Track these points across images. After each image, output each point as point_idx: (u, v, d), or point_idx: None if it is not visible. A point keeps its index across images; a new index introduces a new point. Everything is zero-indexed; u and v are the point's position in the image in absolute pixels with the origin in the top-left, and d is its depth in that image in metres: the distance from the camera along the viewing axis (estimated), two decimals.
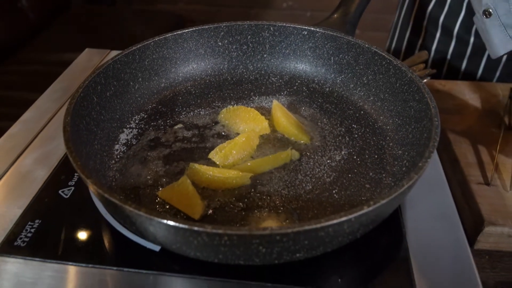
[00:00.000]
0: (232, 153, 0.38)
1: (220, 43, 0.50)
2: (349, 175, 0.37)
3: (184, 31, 0.48)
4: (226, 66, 0.51)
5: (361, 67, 0.46)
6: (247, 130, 0.41)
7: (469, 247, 0.32)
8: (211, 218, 0.33)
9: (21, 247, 0.32)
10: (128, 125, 0.43)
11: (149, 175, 0.37)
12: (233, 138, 0.40)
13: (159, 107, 0.46)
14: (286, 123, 0.41)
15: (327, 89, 0.49)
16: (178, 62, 0.49)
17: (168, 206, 0.34)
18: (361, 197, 0.34)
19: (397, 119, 0.41)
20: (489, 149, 0.54)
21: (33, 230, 0.34)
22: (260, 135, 0.41)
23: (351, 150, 0.40)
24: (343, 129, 0.43)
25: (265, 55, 0.51)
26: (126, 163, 0.39)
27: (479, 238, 0.46)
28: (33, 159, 0.41)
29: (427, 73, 0.56)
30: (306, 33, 0.49)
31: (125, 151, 0.40)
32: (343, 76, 0.48)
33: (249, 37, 0.50)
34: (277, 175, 0.37)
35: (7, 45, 1.64)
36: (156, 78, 0.47)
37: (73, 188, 0.37)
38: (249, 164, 0.37)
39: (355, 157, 0.39)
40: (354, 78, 0.47)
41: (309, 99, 0.47)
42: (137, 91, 0.46)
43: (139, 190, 0.36)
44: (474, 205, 0.47)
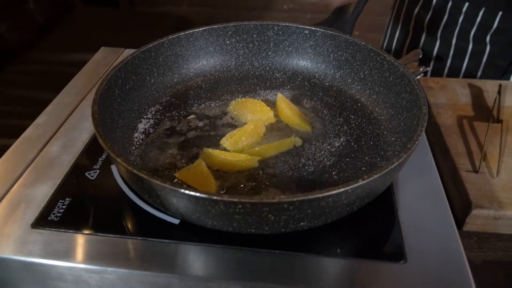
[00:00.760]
0: (242, 139, 0.42)
1: (228, 42, 0.54)
2: (347, 159, 0.41)
3: (195, 30, 0.52)
4: (233, 62, 0.55)
5: (358, 63, 0.50)
6: (254, 120, 0.45)
7: (454, 220, 0.36)
8: None
9: (54, 221, 0.36)
10: (145, 116, 0.47)
11: (166, 159, 0.41)
12: (242, 127, 0.44)
13: (173, 99, 0.50)
14: (289, 114, 0.45)
15: (326, 83, 0.53)
16: (189, 59, 0.53)
17: (185, 186, 0.38)
18: (357, 179, 0.38)
19: (390, 110, 0.45)
20: (478, 140, 0.58)
21: (64, 207, 0.38)
22: (266, 124, 0.45)
23: (349, 138, 0.44)
24: (341, 119, 0.47)
25: (269, 53, 0.55)
26: (145, 149, 0.43)
27: (467, 220, 0.50)
28: (59, 146, 0.45)
29: (421, 70, 0.60)
30: (307, 32, 0.53)
31: (143, 138, 0.44)
32: (341, 72, 0.52)
33: (254, 36, 0.54)
34: (282, 159, 0.41)
35: (16, 45, 1.68)
36: (169, 73, 0.52)
37: (98, 170, 0.41)
38: (257, 149, 0.41)
39: (352, 144, 0.43)
40: (352, 73, 0.51)
41: (310, 92, 0.51)
42: (152, 85, 0.50)
43: (158, 172, 0.40)
44: (463, 190, 0.51)
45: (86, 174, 0.41)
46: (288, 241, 0.34)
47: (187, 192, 0.30)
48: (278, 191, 0.38)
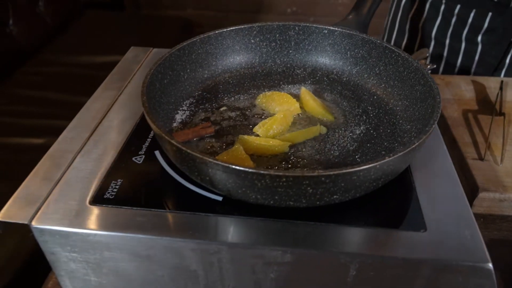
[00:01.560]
0: (273, 127, 0.46)
1: (252, 41, 0.59)
2: (368, 145, 0.46)
3: (223, 30, 0.57)
4: (257, 60, 0.60)
5: (374, 59, 0.55)
6: (282, 110, 0.50)
7: (465, 195, 0.41)
8: None
9: (110, 199, 0.41)
10: (181, 108, 0.52)
11: (205, 145, 0.46)
12: (272, 116, 0.48)
13: (204, 93, 0.55)
14: (314, 105, 0.50)
15: (344, 78, 0.57)
16: (218, 56, 0.58)
17: None
18: (385, 156, 0.43)
19: (405, 101, 0.50)
20: (482, 131, 0.63)
21: (117, 187, 0.42)
22: (293, 114, 0.50)
23: (368, 126, 0.49)
24: (360, 110, 0.52)
25: (290, 51, 0.60)
26: None
27: (474, 203, 0.55)
28: (107, 130, 0.50)
29: (428, 67, 0.65)
30: (326, 31, 0.57)
31: (181, 128, 0.49)
32: (358, 68, 0.57)
33: (277, 35, 0.59)
34: (309, 144, 0.46)
35: (27, 47, 1.73)
36: (200, 69, 0.56)
37: (143, 156, 0.46)
38: (287, 135, 0.46)
39: (371, 131, 0.48)
40: (368, 69, 0.56)
41: (330, 87, 0.56)
42: (186, 80, 0.54)
43: None
44: (470, 176, 0.56)
45: (133, 159, 0.45)
46: (321, 214, 0.39)
47: (238, 167, 0.34)
48: None
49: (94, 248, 0.39)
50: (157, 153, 0.46)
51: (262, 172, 0.34)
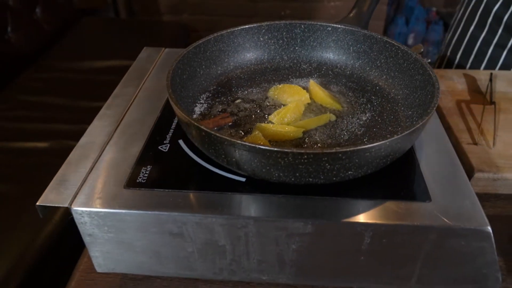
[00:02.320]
0: (287, 115, 0.50)
1: (261, 39, 0.63)
2: (374, 130, 0.50)
3: (235, 29, 0.61)
4: (266, 56, 0.64)
5: (375, 53, 0.59)
6: (293, 101, 0.54)
7: (464, 170, 0.45)
8: None
9: (142, 183, 0.44)
10: (198, 101, 0.56)
11: (225, 133, 0.50)
12: (285, 106, 0.53)
13: (219, 88, 0.59)
14: (323, 95, 0.54)
15: (348, 72, 0.62)
16: (229, 53, 0.62)
17: None
18: (393, 134, 0.47)
19: (406, 90, 0.55)
20: (475, 119, 0.68)
21: (147, 172, 0.46)
22: (304, 104, 0.54)
23: (373, 113, 0.53)
24: (364, 100, 0.56)
25: (297, 48, 0.64)
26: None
27: (471, 182, 0.59)
28: (133, 122, 0.53)
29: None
30: (330, 29, 0.62)
31: (201, 119, 0.53)
32: (360, 61, 0.62)
33: (284, 33, 0.63)
34: (321, 130, 0.50)
35: (26, 53, 1.75)
36: (214, 66, 0.60)
37: (168, 144, 0.50)
38: (300, 122, 0.50)
39: (376, 118, 0.52)
40: (370, 62, 0.60)
41: (335, 79, 0.60)
42: (202, 76, 0.58)
43: None
44: (466, 159, 0.61)
45: (159, 147, 0.49)
46: (336, 190, 0.43)
47: (264, 147, 0.38)
48: None
49: (129, 227, 0.43)
50: (181, 141, 0.50)
51: (286, 150, 0.38)
